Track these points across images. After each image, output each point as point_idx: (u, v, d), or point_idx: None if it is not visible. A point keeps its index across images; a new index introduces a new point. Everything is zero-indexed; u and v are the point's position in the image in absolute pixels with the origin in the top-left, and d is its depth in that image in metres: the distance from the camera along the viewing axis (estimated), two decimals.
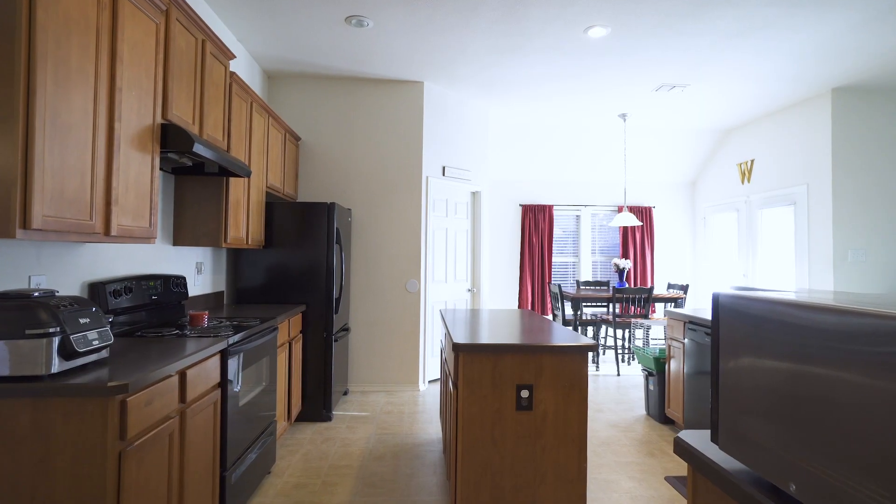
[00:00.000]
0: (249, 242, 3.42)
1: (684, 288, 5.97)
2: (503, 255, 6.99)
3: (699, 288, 6.97)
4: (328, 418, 3.77)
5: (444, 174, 5.06)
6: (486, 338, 2.32)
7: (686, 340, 3.50)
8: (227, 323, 2.67)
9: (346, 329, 4.40)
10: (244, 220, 3.30)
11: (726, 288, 6.37)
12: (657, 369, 3.93)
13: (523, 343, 2.20)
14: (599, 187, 7.11)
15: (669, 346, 3.76)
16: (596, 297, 5.60)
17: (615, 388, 4.97)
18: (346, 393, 4.53)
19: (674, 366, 3.69)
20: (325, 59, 4.28)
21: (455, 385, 2.27)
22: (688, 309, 3.81)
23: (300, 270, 3.85)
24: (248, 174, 2.90)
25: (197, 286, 3.28)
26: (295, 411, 3.55)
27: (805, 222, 5.13)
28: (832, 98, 4.83)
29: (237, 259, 3.85)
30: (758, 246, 5.86)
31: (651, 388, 4.05)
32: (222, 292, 3.71)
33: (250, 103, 3.39)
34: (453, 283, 5.27)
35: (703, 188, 6.98)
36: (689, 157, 6.82)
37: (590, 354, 6.52)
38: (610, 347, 5.79)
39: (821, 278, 4.94)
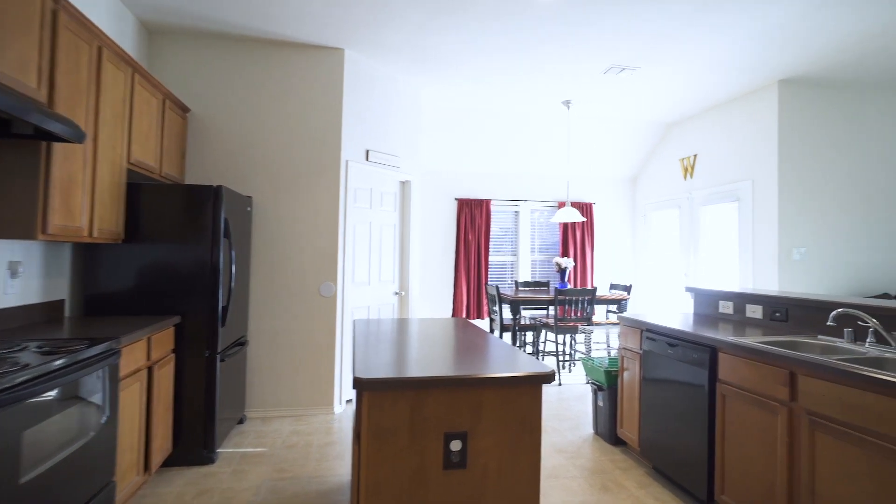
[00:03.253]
0: (95, 235, 2.56)
1: (627, 288, 5.63)
2: (436, 254, 6.37)
3: (641, 288, 6.71)
4: (209, 460, 2.96)
5: (367, 159, 4.36)
6: (404, 366, 1.67)
7: (643, 351, 3.03)
8: (28, 348, 1.84)
9: (241, 343, 3.59)
10: (84, 205, 2.44)
11: (667, 286, 6.12)
12: (608, 383, 3.46)
13: (456, 374, 1.57)
14: (540, 181, 6.67)
15: (623, 358, 3.29)
16: (536, 299, 5.11)
17: (557, 401, 4.49)
18: (241, 421, 3.71)
19: (628, 379, 3.22)
20: (222, 11, 3.45)
21: (357, 436, 1.60)
22: (633, 311, 3.37)
23: (176, 272, 3.00)
24: (79, 138, 2.06)
25: (10, 294, 2.38)
26: (160, 456, 2.72)
27: (749, 219, 4.90)
28: (779, 90, 4.61)
29: (88, 258, 2.94)
30: (700, 244, 5.63)
31: (600, 403, 3.57)
32: (61, 301, 2.79)
33: (98, 49, 2.52)
34: (378, 285, 4.58)
35: (645, 184, 6.72)
36: (632, 151, 6.53)
37: None
38: (550, 353, 5.34)
39: (765, 277, 4.72)
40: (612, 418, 3.43)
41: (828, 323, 2.22)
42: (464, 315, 6.27)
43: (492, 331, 5.68)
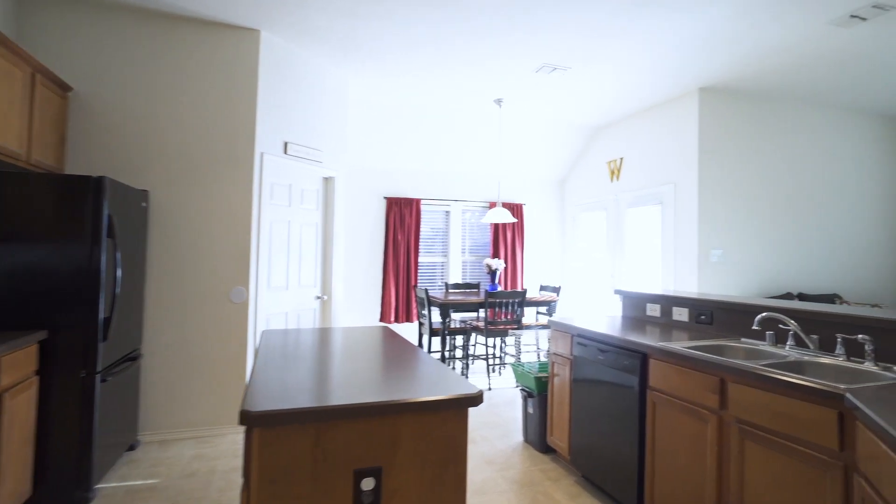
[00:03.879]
0: None
1: (557, 290, 5.63)
2: (364, 255, 6.08)
3: (570, 289, 6.78)
4: (84, 500, 2.51)
5: (286, 152, 4.00)
6: (308, 392, 1.41)
7: (574, 356, 2.94)
8: None
9: (132, 358, 3.13)
10: None
11: (595, 287, 6.21)
12: (538, 390, 3.36)
13: (368, 402, 1.34)
14: (471, 181, 6.55)
15: (553, 363, 3.19)
16: (467, 302, 4.96)
17: (487, 406, 4.37)
18: (132, 447, 3.24)
19: (558, 385, 3.12)
20: None
21: (246, 481, 1.32)
22: (562, 314, 3.30)
23: (45, 278, 2.53)
24: None
25: None
26: (14, 501, 2.26)
27: (672, 222, 5.04)
28: (699, 97, 4.76)
29: None
30: (625, 245, 5.74)
31: (531, 410, 3.47)
32: None
33: None
34: (297, 289, 4.23)
35: (574, 186, 6.80)
36: (562, 153, 6.57)
37: (458, 365, 5.90)
38: (481, 357, 5.22)
39: (686, 278, 4.86)
40: (543, 425, 3.33)
41: (753, 327, 2.21)
42: (392, 319, 6.02)
43: (421, 336, 5.48)
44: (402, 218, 6.13)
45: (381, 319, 6.02)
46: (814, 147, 5.29)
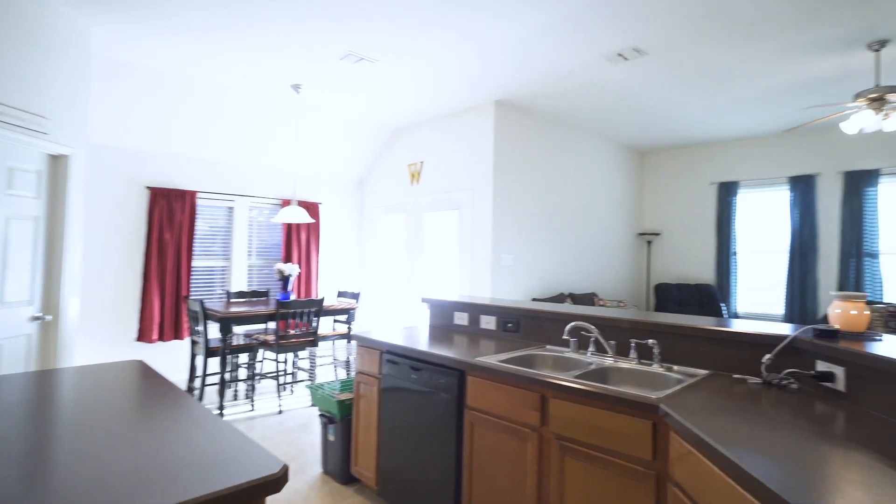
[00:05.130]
0: None
1: (356, 296, 5.30)
2: (115, 260, 4.79)
3: (369, 295, 6.51)
4: None
5: None
6: None
7: (383, 375, 2.65)
8: None
9: None
10: None
11: (394, 293, 6.07)
12: (342, 414, 2.96)
13: None
14: (261, 174, 5.77)
15: (359, 384, 2.84)
16: (253, 314, 4.27)
17: (278, 433, 3.79)
18: None
19: (365, 409, 2.79)
20: None
21: None
22: (365, 324, 2.99)
23: None
24: None
25: None
26: None
27: (469, 227, 5.19)
28: (495, 109, 5.00)
29: None
30: (424, 250, 5.74)
31: (331, 437, 3.06)
32: None
33: None
34: (2, 309, 2.99)
35: (373, 187, 6.57)
36: (363, 151, 6.27)
37: (242, 387, 5.11)
38: (270, 376, 4.57)
39: (481, 283, 5.05)
40: (346, 454, 2.96)
41: (563, 337, 2.23)
42: (155, 337, 4.87)
43: (194, 357, 4.53)
44: (171, 213, 5.03)
45: (141, 339, 4.83)
46: (578, 166, 6.08)
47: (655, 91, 4.68)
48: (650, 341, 2.08)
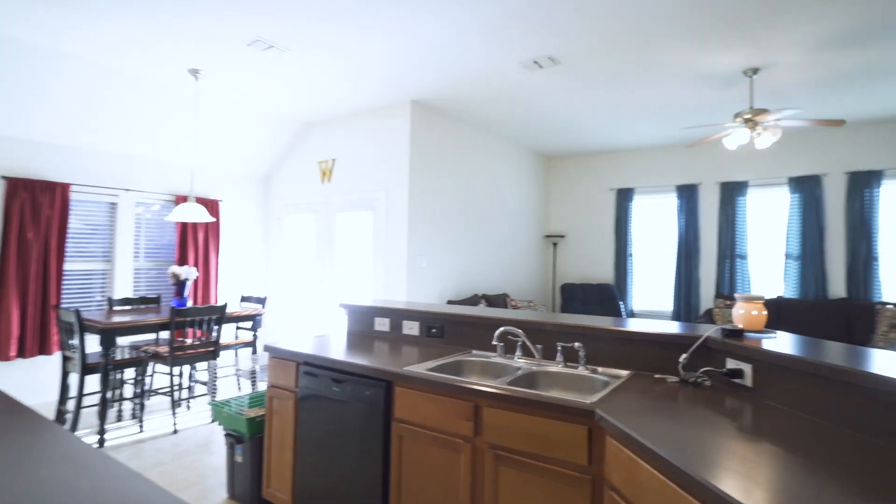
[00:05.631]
0: None
1: (262, 301, 4.94)
2: None
3: (276, 299, 6.11)
4: None
5: None
6: None
7: (300, 388, 2.45)
8: None
9: None
10: None
11: (304, 296, 5.75)
12: (251, 432, 2.71)
13: None
14: (151, 167, 5.17)
15: (272, 399, 2.61)
16: (142, 324, 3.80)
17: (174, 456, 3.39)
18: None
19: (279, 425, 2.57)
20: None
21: None
22: (273, 330, 2.78)
23: None
24: None
25: None
26: None
27: (384, 228, 5.06)
28: (411, 109, 4.91)
29: None
30: (336, 251, 5.50)
31: (239, 458, 2.78)
32: None
33: None
34: None
35: (281, 184, 6.18)
36: (268, 145, 5.86)
37: (128, 407, 4.55)
38: (162, 392, 4.09)
39: (396, 285, 4.94)
40: (257, 475, 2.71)
41: (493, 342, 2.21)
42: (14, 353, 4.16)
43: (66, 375, 3.93)
44: (36, 208, 4.33)
45: None
46: (490, 169, 6.19)
47: (565, 100, 4.88)
48: (576, 344, 2.12)
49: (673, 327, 2.15)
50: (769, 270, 6.14)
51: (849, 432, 1.37)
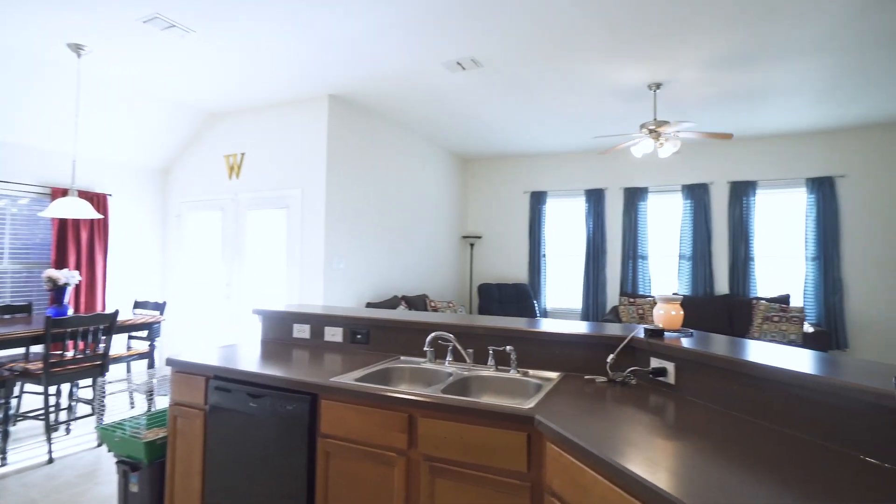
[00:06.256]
0: None
1: (161, 307, 4.46)
2: None
3: (177, 306, 5.55)
4: None
5: None
6: None
7: (210, 406, 2.21)
8: None
9: None
10: None
11: (209, 301, 5.29)
12: (151, 457, 2.40)
13: None
14: (21, 155, 4.46)
15: (175, 419, 2.33)
16: (8, 337, 3.25)
17: (49, 492, 2.93)
18: None
19: (185, 449, 2.29)
20: None
21: None
22: (173, 342, 2.52)
23: None
24: None
25: None
26: None
27: (298, 228, 4.79)
28: (329, 104, 4.69)
29: None
30: (246, 251, 5.12)
31: (134, 488, 2.46)
32: None
33: None
34: None
35: (182, 178, 5.63)
36: (167, 135, 5.31)
37: None
38: (35, 416, 3.54)
39: (312, 288, 4.70)
40: None
41: (425, 348, 2.13)
42: None
43: None
44: None
45: None
46: (410, 169, 6.12)
47: (485, 103, 4.93)
48: (508, 348, 2.11)
49: (601, 329, 2.21)
50: (666, 270, 6.68)
51: (751, 419, 1.47)
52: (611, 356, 2.00)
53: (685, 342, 1.86)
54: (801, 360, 1.50)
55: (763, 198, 6.24)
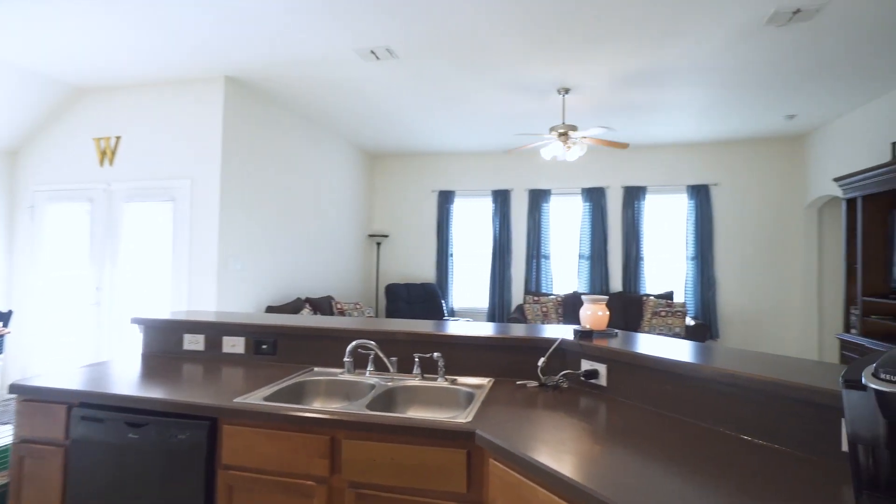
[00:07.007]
0: None
1: (5, 317, 3.70)
2: None
3: (29, 314, 4.65)
4: None
5: None
6: None
7: (74, 441, 1.80)
8: None
9: None
10: None
11: (75, 308, 4.52)
12: None
13: None
14: None
15: (22, 460, 1.87)
16: None
17: None
18: None
19: (35, 497, 1.85)
20: None
21: None
22: (31, 361, 2.07)
23: None
24: None
25: None
26: None
27: (187, 224, 4.25)
28: (225, 87, 4.21)
29: None
30: (121, 250, 4.45)
31: None
32: None
33: None
34: None
35: (37, 163, 4.75)
36: (16, 111, 4.43)
37: None
38: None
39: (204, 292, 4.20)
40: None
41: (345, 358, 1.91)
42: None
43: None
44: None
45: None
46: (314, 163, 5.75)
47: (396, 97, 4.75)
48: (435, 354, 1.97)
49: (531, 331, 2.14)
50: (567, 269, 6.98)
51: (679, 417, 1.48)
52: (542, 360, 1.94)
53: (612, 343, 1.85)
54: (726, 358, 1.53)
55: (652, 202, 6.76)
